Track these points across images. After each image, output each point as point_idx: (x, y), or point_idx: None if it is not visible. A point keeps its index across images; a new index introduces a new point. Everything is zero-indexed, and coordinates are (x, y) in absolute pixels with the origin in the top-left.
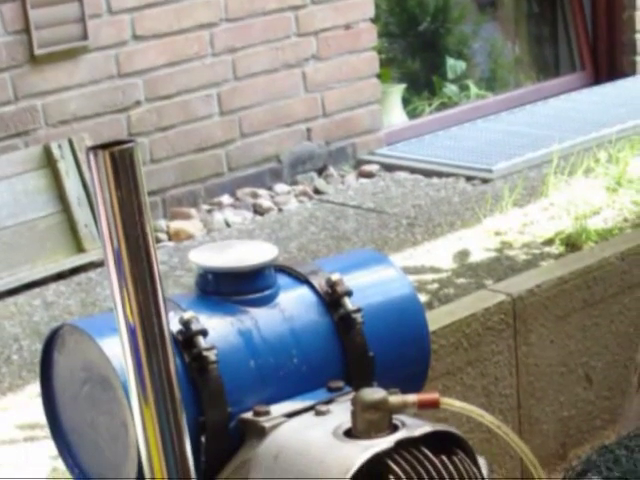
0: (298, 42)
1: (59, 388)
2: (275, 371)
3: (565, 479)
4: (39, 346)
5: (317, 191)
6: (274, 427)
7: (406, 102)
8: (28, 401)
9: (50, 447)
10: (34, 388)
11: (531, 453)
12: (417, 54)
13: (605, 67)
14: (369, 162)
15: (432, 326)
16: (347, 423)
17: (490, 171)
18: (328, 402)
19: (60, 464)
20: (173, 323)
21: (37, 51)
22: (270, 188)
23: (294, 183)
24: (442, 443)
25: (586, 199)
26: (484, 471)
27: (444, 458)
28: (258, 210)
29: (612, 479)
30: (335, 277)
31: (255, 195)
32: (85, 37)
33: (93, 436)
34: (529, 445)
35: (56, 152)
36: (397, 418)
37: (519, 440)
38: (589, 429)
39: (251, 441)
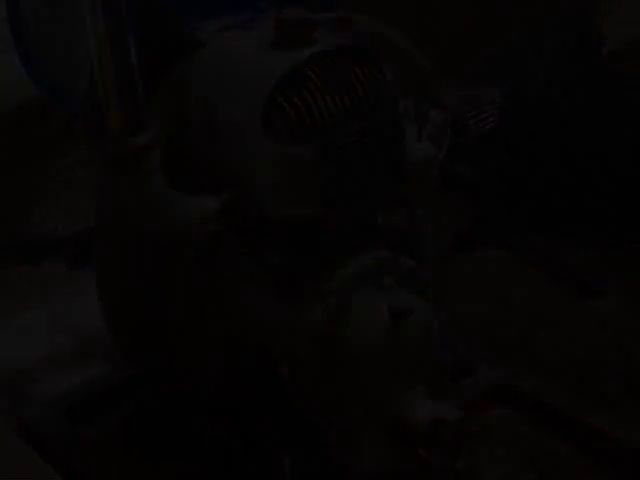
0: None
1: None
2: None
3: None
4: None
5: None
6: (210, 39)
7: None
8: None
9: None
10: None
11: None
12: None
13: None
14: None
15: None
16: (272, 37)
17: None
18: (255, 19)
19: None
20: None
21: None
22: None
23: None
24: (355, 57)
25: None
26: (388, 78)
27: (356, 69)
28: None
29: None
30: None
31: None
32: None
33: None
34: None
35: None
36: (316, 36)
37: None
38: None
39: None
